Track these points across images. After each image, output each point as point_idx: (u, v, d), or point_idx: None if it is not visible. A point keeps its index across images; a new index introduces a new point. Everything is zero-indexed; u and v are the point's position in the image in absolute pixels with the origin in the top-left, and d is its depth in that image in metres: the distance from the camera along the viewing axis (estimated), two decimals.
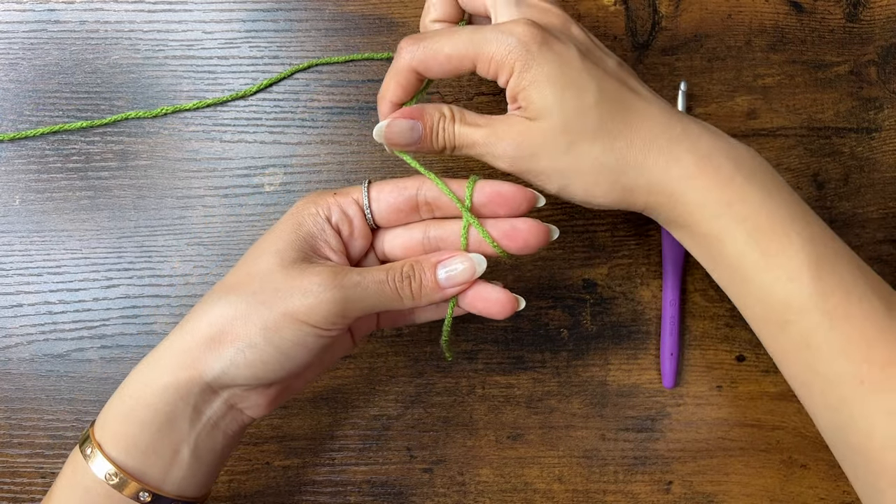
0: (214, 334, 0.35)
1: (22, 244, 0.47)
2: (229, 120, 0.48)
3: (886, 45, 0.48)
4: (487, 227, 0.37)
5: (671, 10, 0.48)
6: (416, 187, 0.38)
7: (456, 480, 0.47)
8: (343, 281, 0.35)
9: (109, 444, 0.35)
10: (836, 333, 0.34)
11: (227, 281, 0.36)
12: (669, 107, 0.38)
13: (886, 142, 0.48)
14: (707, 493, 0.47)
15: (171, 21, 0.48)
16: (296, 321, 0.34)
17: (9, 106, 0.47)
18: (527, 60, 0.35)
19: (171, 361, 0.35)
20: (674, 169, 0.36)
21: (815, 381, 0.35)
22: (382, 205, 0.38)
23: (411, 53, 0.37)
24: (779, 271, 0.35)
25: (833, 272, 0.35)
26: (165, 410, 0.35)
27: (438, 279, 0.37)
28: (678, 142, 0.37)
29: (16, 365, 0.46)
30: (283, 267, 0.35)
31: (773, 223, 0.35)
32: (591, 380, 0.47)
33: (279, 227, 0.37)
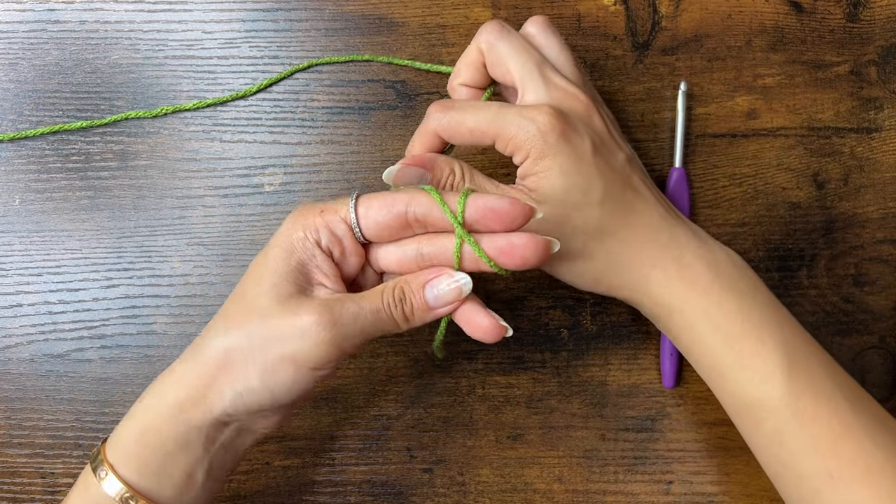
0: (216, 373, 0.35)
1: (22, 244, 0.47)
2: (229, 120, 0.48)
3: (886, 44, 0.48)
4: (482, 242, 0.35)
5: (671, 10, 0.48)
6: (405, 203, 0.36)
7: (456, 480, 0.47)
8: (339, 317, 0.35)
9: (122, 465, 0.35)
10: (805, 432, 0.37)
11: (229, 312, 0.36)
12: (665, 207, 0.41)
13: (886, 142, 0.48)
14: (707, 493, 0.47)
15: (170, 21, 0.48)
16: (293, 364, 0.35)
17: (9, 106, 0.47)
18: (543, 150, 0.37)
19: (181, 395, 0.36)
20: (657, 275, 0.39)
21: (786, 475, 0.38)
22: (371, 222, 0.36)
23: (437, 121, 0.39)
24: (752, 373, 0.37)
25: (803, 373, 0.37)
26: (179, 438, 0.36)
27: (427, 300, 0.36)
28: (666, 248, 0.39)
29: (15, 365, 0.46)
30: (279, 303, 0.35)
31: (748, 328, 0.38)
32: (591, 380, 0.47)
33: (272, 256, 0.36)
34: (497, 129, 0.38)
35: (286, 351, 0.34)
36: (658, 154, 0.48)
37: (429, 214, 0.35)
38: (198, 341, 0.37)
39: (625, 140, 0.42)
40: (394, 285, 0.36)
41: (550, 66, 0.40)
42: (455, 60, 0.47)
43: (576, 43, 0.48)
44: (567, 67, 0.41)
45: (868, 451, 0.36)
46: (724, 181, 0.48)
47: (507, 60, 0.40)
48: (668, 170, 0.47)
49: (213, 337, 0.36)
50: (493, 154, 0.43)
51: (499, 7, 0.48)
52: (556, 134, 0.37)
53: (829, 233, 0.47)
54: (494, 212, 0.34)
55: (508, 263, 0.35)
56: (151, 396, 0.37)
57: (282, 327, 0.35)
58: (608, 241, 0.39)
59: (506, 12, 0.48)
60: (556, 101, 0.39)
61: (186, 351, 0.37)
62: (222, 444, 0.37)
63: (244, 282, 0.37)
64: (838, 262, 0.47)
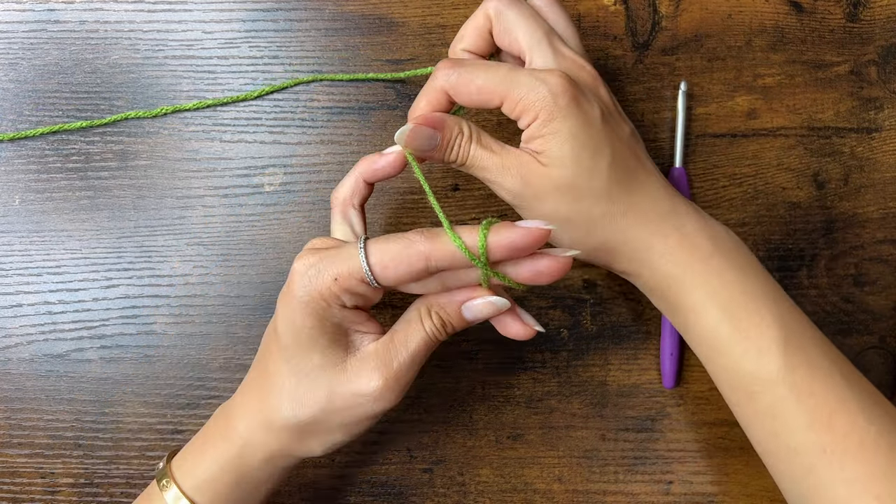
0: (302, 437, 0.38)
1: (21, 244, 0.47)
2: (229, 120, 0.47)
3: (887, 44, 0.48)
4: (507, 271, 0.35)
5: (671, 10, 0.48)
6: (424, 260, 0.34)
7: (456, 480, 0.47)
8: (400, 369, 0.36)
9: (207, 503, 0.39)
10: (801, 407, 0.37)
11: (287, 390, 0.37)
12: (665, 181, 0.41)
13: (887, 142, 0.48)
14: (707, 494, 0.47)
15: (170, 21, 0.48)
16: (368, 419, 0.38)
17: (8, 106, 0.47)
18: (553, 111, 0.37)
19: (266, 450, 0.38)
20: (659, 244, 0.39)
21: (780, 450, 0.38)
22: (391, 281, 0.35)
23: (446, 77, 0.38)
24: (748, 344, 0.37)
25: (799, 348, 0.37)
26: (263, 478, 0.39)
27: (465, 318, 0.37)
28: (666, 218, 0.39)
29: (15, 365, 0.46)
30: (337, 372, 0.37)
31: (746, 300, 0.38)
32: (591, 380, 0.47)
33: (306, 331, 0.36)
34: (507, 89, 0.37)
35: (362, 415, 0.37)
36: (658, 154, 0.48)
37: (453, 264, 0.35)
38: (263, 413, 0.38)
39: (627, 118, 0.42)
40: (429, 311, 0.37)
41: (558, 37, 0.40)
42: None
43: None
44: (573, 41, 0.41)
45: (862, 427, 0.36)
46: (724, 181, 0.48)
47: (515, 28, 0.39)
48: (668, 170, 0.47)
49: (285, 413, 0.37)
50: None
51: None
52: (568, 97, 0.37)
53: (830, 233, 0.47)
54: (517, 248, 0.34)
55: (537, 283, 0.36)
56: (236, 450, 0.38)
57: (350, 399, 0.36)
58: (612, 207, 0.39)
59: None
60: (565, 69, 0.39)
61: (253, 417, 0.38)
62: (291, 471, 0.41)
63: (288, 352, 0.37)
64: (838, 262, 0.47)
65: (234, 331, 0.47)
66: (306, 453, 0.39)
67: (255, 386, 0.39)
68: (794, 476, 0.37)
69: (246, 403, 0.39)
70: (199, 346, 0.47)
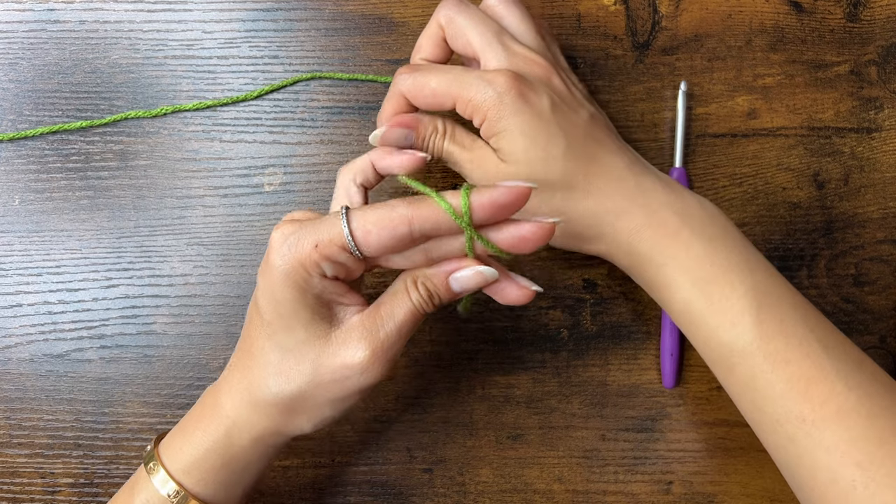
0: (290, 414, 0.38)
1: (21, 244, 0.47)
2: (229, 120, 0.47)
3: (887, 44, 0.48)
4: (491, 236, 0.35)
5: (671, 10, 0.48)
6: (406, 223, 0.34)
7: (456, 480, 0.47)
8: (387, 340, 0.36)
9: (202, 488, 0.38)
10: (777, 375, 0.36)
11: (273, 364, 0.37)
12: (632, 158, 0.41)
13: (887, 142, 0.48)
14: (707, 494, 0.47)
15: (170, 21, 0.48)
16: (356, 393, 0.37)
17: (8, 106, 0.47)
18: (500, 110, 0.38)
19: (254, 430, 0.38)
20: (625, 223, 0.39)
21: (763, 420, 0.38)
22: (373, 248, 0.35)
23: (404, 82, 0.40)
24: (721, 317, 0.37)
25: (774, 317, 0.37)
26: (252, 459, 0.39)
27: (453, 289, 0.36)
28: (632, 197, 0.39)
29: (15, 365, 0.46)
30: (323, 345, 0.36)
31: (717, 272, 0.38)
32: (591, 380, 0.47)
33: (287, 304, 0.35)
34: (457, 91, 0.39)
35: (350, 388, 0.37)
36: (658, 154, 0.48)
37: (437, 228, 0.34)
38: (249, 391, 0.38)
39: (591, 101, 0.42)
40: (415, 283, 0.36)
41: (509, 35, 0.41)
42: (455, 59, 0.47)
43: (576, 43, 0.48)
44: (528, 36, 0.42)
45: (840, 393, 0.35)
46: (725, 181, 0.48)
47: (466, 31, 0.40)
48: (668, 170, 0.47)
49: (272, 389, 0.37)
50: None
51: None
52: (514, 94, 0.38)
53: (830, 233, 0.47)
54: (500, 206, 0.34)
55: (521, 251, 0.36)
56: (219, 430, 0.38)
57: (338, 372, 0.36)
58: (574, 194, 0.39)
59: None
60: (516, 67, 0.40)
61: (237, 390, 0.38)
62: (282, 449, 0.40)
63: (270, 328, 0.36)
64: (838, 262, 0.47)
65: (234, 331, 0.47)
66: (295, 431, 0.38)
67: (240, 365, 0.38)
68: (778, 445, 0.37)
69: (232, 383, 0.38)
70: (199, 346, 0.47)
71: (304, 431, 0.38)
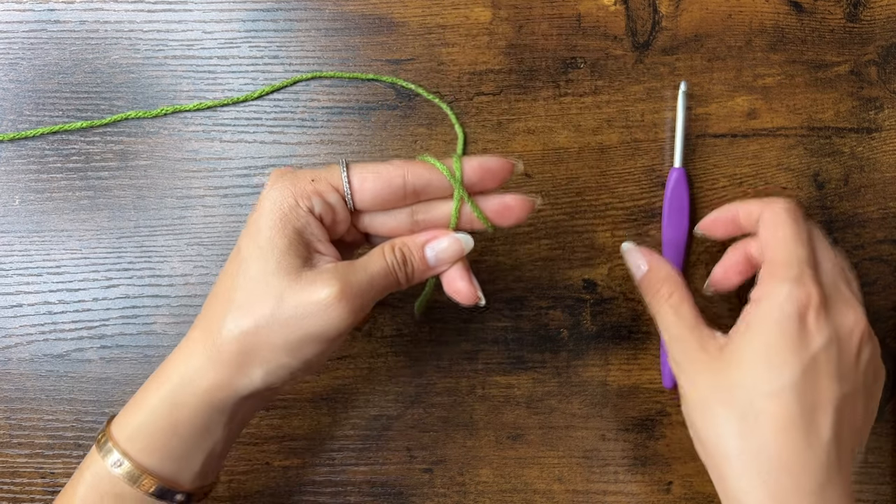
0: (243, 359, 0.35)
1: (21, 244, 0.47)
2: (229, 120, 0.47)
3: (887, 44, 0.48)
4: (479, 202, 0.37)
5: (671, 10, 0.48)
6: (401, 175, 0.36)
7: (456, 481, 0.47)
8: (355, 286, 0.35)
9: (143, 457, 0.35)
10: None
11: (237, 300, 0.35)
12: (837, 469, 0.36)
13: (887, 142, 0.48)
14: (707, 494, 0.47)
15: (170, 21, 0.48)
16: (318, 339, 0.35)
17: (8, 106, 0.47)
18: (791, 290, 0.36)
19: (203, 384, 0.35)
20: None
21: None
22: (367, 195, 0.36)
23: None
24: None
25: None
26: (202, 424, 0.36)
27: (427, 259, 0.37)
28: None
29: (15, 365, 0.46)
30: (290, 280, 0.34)
31: None
32: (591, 380, 0.47)
33: (266, 231, 0.35)
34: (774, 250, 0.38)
35: (311, 328, 0.34)
36: (658, 154, 0.48)
37: (428, 185, 0.36)
38: (206, 330, 0.35)
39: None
40: (392, 247, 0.37)
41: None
42: (455, 59, 0.47)
43: (576, 43, 0.48)
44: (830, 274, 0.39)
45: None
46: (724, 181, 0.48)
47: (780, 235, 0.38)
48: (668, 170, 0.47)
49: (228, 326, 0.35)
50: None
51: (499, 7, 0.48)
52: (815, 310, 0.36)
53: (830, 233, 0.47)
54: (490, 171, 0.37)
55: (503, 222, 0.38)
56: (169, 388, 0.36)
57: (302, 306, 0.34)
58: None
59: (506, 12, 0.48)
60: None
61: (194, 338, 0.36)
62: (242, 415, 0.37)
63: (243, 261, 0.35)
64: None
65: None
66: (246, 384, 0.35)
67: (201, 315, 0.36)
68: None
69: (189, 335, 0.36)
70: None
71: (255, 386, 0.35)
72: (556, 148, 0.47)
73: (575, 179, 0.47)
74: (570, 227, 0.47)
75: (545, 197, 0.47)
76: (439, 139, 0.47)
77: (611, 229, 0.47)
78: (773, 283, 0.37)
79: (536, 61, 0.48)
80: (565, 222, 0.47)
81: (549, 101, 0.47)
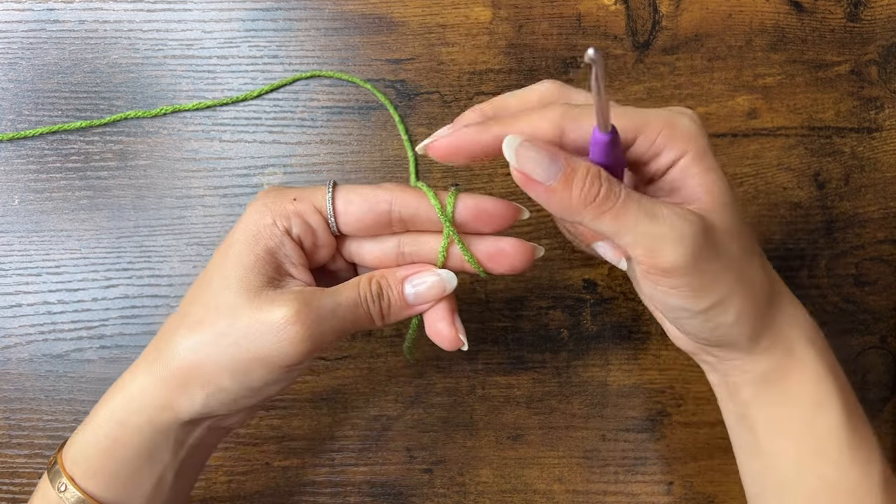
0: (185, 378, 0.33)
1: (21, 244, 0.47)
2: (229, 119, 0.47)
3: (887, 44, 0.48)
4: (470, 243, 0.34)
5: (671, 10, 0.48)
6: (388, 202, 0.33)
7: (456, 481, 0.47)
8: (316, 311, 0.32)
9: (87, 480, 0.33)
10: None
11: (192, 314, 0.33)
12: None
13: (887, 141, 0.48)
14: (707, 494, 0.46)
15: (170, 20, 0.48)
16: (266, 364, 0.32)
17: (8, 106, 0.47)
18: (705, 142, 0.32)
19: (147, 403, 0.33)
20: (805, 329, 0.35)
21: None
22: (350, 218, 0.34)
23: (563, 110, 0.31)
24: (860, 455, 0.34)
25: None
26: (146, 448, 0.34)
27: (406, 296, 0.34)
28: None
29: (15, 365, 0.46)
30: (248, 298, 0.32)
31: (860, 410, 0.35)
32: (592, 380, 0.47)
33: (236, 245, 0.33)
34: (642, 119, 0.31)
35: (259, 351, 0.32)
36: None
37: (416, 216, 0.34)
38: (158, 344, 0.34)
39: None
40: (369, 279, 0.34)
41: None
42: (455, 59, 0.47)
43: (576, 42, 0.48)
44: None
45: None
46: None
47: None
48: None
49: (177, 340, 0.33)
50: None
51: (499, 6, 0.48)
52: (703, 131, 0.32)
53: (830, 233, 0.47)
54: (487, 213, 0.33)
55: (496, 269, 0.34)
56: (113, 406, 0.34)
57: (253, 326, 0.32)
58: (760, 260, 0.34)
59: (506, 11, 0.48)
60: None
61: (145, 355, 0.34)
62: (191, 444, 0.35)
63: (207, 275, 0.34)
64: (839, 262, 0.47)
65: None
66: (186, 407, 0.33)
67: (160, 332, 0.34)
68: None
69: (145, 349, 0.34)
70: None
71: (197, 409, 0.33)
72: None
73: None
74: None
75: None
76: None
77: None
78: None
79: (536, 61, 0.47)
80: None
81: None
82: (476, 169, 0.47)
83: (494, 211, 0.33)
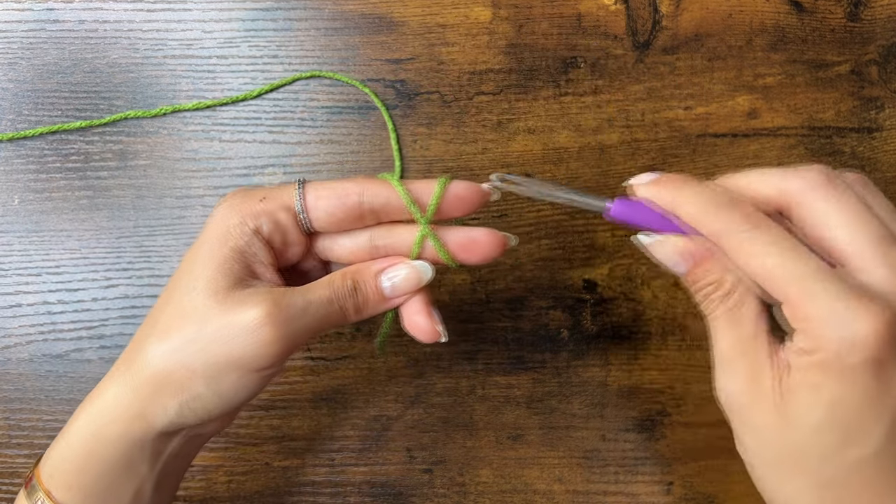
0: (157, 386, 0.32)
1: (21, 244, 0.47)
2: (228, 119, 0.47)
3: (887, 44, 0.48)
4: (442, 233, 0.34)
5: (672, 10, 0.48)
6: (357, 194, 0.33)
7: (456, 481, 0.47)
8: (287, 311, 0.32)
9: (63, 493, 0.33)
10: None
11: (161, 321, 0.33)
12: None
13: (887, 141, 0.48)
14: (707, 494, 0.46)
15: (170, 20, 0.48)
16: (238, 368, 0.32)
17: (7, 106, 0.47)
18: (841, 366, 0.28)
19: (120, 413, 0.33)
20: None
21: None
22: (321, 213, 0.33)
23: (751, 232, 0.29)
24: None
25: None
26: (122, 460, 0.33)
27: (382, 289, 0.34)
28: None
29: (14, 365, 0.46)
30: (217, 301, 0.32)
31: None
32: (592, 380, 0.47)
33: (203, 248, 0.33)
34: (797, 289, 0.28)
35: (231, 354, 0.31)
36: (659, 154, 0.47)
37: (387, 205, 0.33)
38: (129, 355, 0.33)
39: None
40: (343, 274, 0.34)
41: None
42: (455, 59, 0.47)
43: (576, 42, 0.48)
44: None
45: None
46: None
47: (832, 220, 0.29)
48: (666, 171, 0.47)
49: (147, 348, 0.32)
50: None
51: (499, 6, 0.48)
52: (872, 359, 0.27)
53: None
54: (460, 199, 0.34)
55: (469, 259, 0.35)
56: (87, 419, 0.33)
57: (223, 329, 0.31)
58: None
59: (506, 11, 0.48)
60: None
61: (117, 365, 0.34)
62: (169, 454, 0.34)
63: (175, 280, 0.33)
64: None
65: None
66: (160, 415, 0.32)
67: (133, 337, 0.34)
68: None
69: (118, 362, 0.34)
70: None
71: (171, 419, 0.32)
72: (556, 147, 0.47)
73: (575, 179, 0.47)
74: (570, 227, 0.47)
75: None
76: (439, 139, 0.47)
77: (611, 229, 0.47)
78: (822, 320, 0.28)
79: (536, 61, 0.47)
80: (565, 222, 0.47)
81: (550, 100, 0.47)
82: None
83: (464, 193, 0.34)
